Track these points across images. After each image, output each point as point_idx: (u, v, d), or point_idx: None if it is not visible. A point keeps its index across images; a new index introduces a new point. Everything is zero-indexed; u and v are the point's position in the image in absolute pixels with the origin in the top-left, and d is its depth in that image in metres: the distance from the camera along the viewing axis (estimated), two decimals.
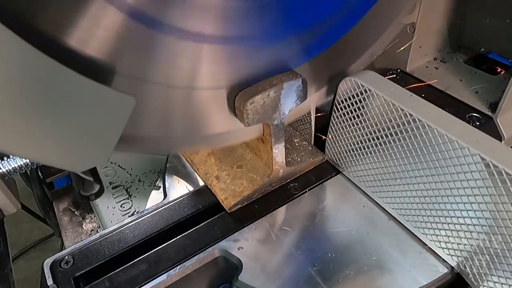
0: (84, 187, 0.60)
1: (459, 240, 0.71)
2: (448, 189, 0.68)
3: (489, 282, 0.69)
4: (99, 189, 0.61)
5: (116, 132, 0.53)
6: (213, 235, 0.82)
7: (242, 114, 0.70)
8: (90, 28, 0.48)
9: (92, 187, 0.60)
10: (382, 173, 0.81)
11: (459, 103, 1.03)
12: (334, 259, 0.76)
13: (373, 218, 0.84)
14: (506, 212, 0.61)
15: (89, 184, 0.60)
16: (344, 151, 0.89)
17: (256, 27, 0.63)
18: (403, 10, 0.85)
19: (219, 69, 0.65)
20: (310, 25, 0.71)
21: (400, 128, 0.72)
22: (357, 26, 0.79)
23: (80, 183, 0.60)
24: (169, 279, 0.75)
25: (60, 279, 0.75)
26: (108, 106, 0.51)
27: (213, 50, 0.62)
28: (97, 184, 0.61)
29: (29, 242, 1.93)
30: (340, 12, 0.74)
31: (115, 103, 0.51)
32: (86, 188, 0.60)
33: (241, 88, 0.70)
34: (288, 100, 0.75)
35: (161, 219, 0.87)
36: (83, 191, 0.61)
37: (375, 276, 0.73)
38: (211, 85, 0.67)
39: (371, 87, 0.75)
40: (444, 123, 0.66)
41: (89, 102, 0.48)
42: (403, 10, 0.85)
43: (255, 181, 0.88)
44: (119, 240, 0.82)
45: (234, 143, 0.82)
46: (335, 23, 0.75)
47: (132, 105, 0.53)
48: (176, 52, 0.58)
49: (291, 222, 0.84)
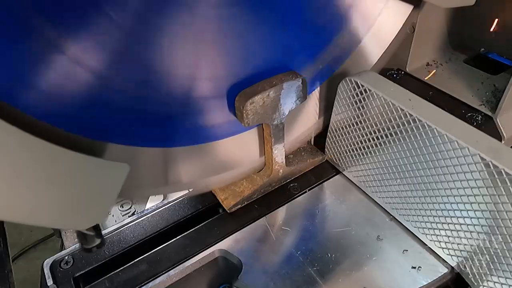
0: (86, 241, 0.64)
1: (459, 240, 0.71)
2: (448, 189, 0.68)
3: (489, 282, 0.68)
4: (101, 242, 0.65)
5: (114, 193, 0.59)
6: (213, 235, 0.82)
7: (242, 114, 0.70)
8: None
9: (94, 241, 0.64)
10: (382, 173, 0.81)
11: (459, 103, 1.03)
12: (334, 259, 0.76)
13: (373, 218, 0.84)
14: (506, 212, 0.61)
15: (91, 238, 0.64)
16: (344, 151, 0.89)
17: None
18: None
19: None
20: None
21: (400, 128, 0.72)
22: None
23: (83, 238, 0.64)
24: (169, 279, 0.75)
25: (60, 279, 0.75)
26: (104, 174, 0.57)
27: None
28: (98, 238, 0.64)
29: (29, 242, 1.93)
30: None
31: (110, 171, 0.58)
32: (88, 242, 0.64)
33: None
34: (288, 100, 0.75)
35: (161, 219, 0.87)
36: (85, 244, 0.64)
37: (375, 276, 0.73)
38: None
39: (371, 87, 0.75)
40: (444, 123, 0.66)
41: (85, 174, 0.55)
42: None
43: (255, 181, 0.88)
44: (119, 240, 0.82)
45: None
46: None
47: (126, 170, 0.59)
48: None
49: (291, 222, 0.84)
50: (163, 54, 0.60)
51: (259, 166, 0.89)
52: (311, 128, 0.93)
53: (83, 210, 0.57)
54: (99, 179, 0.57)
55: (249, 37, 0.68)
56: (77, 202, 0.55)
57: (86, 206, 0.57)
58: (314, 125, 0.93)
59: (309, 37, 0.78)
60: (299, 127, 0.90)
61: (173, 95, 0.66)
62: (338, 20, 0.80)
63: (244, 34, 0.66)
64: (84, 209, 0.57)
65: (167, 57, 0.61)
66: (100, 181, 0.57)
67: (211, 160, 0.79)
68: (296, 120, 0.88)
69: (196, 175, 0.79)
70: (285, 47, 0.74)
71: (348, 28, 0.83)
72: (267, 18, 0.68)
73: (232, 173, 0.85)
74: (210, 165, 0.80)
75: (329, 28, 0.80)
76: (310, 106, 0.89)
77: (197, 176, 0.79)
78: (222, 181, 0.86)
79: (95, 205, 0.59)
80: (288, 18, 0.71)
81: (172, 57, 0.61)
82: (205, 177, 0.81)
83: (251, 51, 0.70)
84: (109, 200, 0.60)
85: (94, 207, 0.59)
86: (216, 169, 0.82)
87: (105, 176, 0.58)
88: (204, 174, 0.80)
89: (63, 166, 0.51)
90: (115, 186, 0.59)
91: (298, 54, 0.78)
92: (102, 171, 0.57)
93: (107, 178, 0.58)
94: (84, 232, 0.63)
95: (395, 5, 0.87)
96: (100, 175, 0.57)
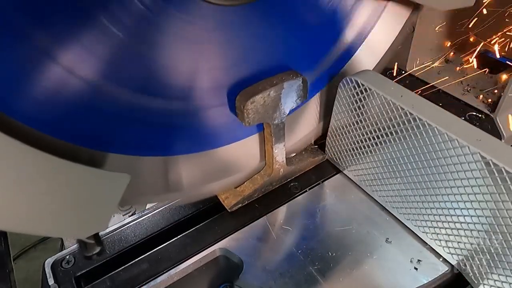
0: (86, 249, 0.64)
1: (459, 238, 0.71)
2: (448, 188, 0.68)
3: (489, 280, 0.69)
4: (101, 249, 0.66)
5: (114, 202, 0.60)
6: (214, 235, 0.82)
7: (242, 114, 0.70)
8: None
9: (94, 248, 0.65)
10: (382, 172, 0.81)
11: (459, 102, 1.03)
12: (335, 258, 0.76)
13: (373, 217, 0.84)
14: (506, 211, 0.61)
15: (91, 246, 0.64)
16: (344, 150, 0.89)
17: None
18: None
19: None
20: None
21: (400, 127, 0.72)
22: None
23: (83, 246, 0.65)
24: (170, 279, 0.75)
25: (61, 278, 0.75)
26: (104, 185, 0.57)
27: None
28: (98, 246, 0.65)
29: (29, 242, 1.93)
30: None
31: (110, 181, 0.58)
32: (88, 250, 0.65)
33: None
34: (288, 99, 0.75)
35: (162, 219, 0.87)
36: (85, 252, 0.65)
37: (376, 275, 0.73)
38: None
39: (371, 86, 0.75)
40: (444, 121, 0.66)
41: (86, 184, 0.55)
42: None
43: (255, 180, 0.88)
44: (120, 240, 0.82)
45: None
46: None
47: (127, 180, 0.59)
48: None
49: (291, 221, 0.84)
50: (162, 60, 0.60)
51: (261, 168, 0.89)
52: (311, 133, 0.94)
53: (84, 219, 0.58)
54: (99, 190, 0.57)
55: (250, 37, 0.68)
56: (78, 212, 0.56)
57: (86, 216, 0.58)
58: (314, 130, 0.94)
59: (311, 37, 0.78)
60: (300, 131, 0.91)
61: (172, 102, 0.66)
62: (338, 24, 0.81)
63: (245, 35, 0.67)
64: (84, 218, 0.58)
65: (166, 62, 0.61)
66: (100, 191, 0.58)
67: (213, 167, 0.80)
68: (297, 123, 0.89)
69: (197, 182, 0.79)
70: (286, 46, 0.74)
71: (349, 32, 0.84)
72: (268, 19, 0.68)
73: (235, 178, 0.85)
74: (211, 171, 0.80)
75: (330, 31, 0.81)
76: (310, 110, 0.90)
77: (198, 183, 0.79)
78: (225, 186, 0.86)
79: (96, 215, 0.59)
80: (289, 18, 0.71)
81: (171, 63, 0.61)
82: (207, 184, 0.81)
83: (253, 52, 0.70)
84: (109, 210, 0.60)
85: (94, 217, 0.59)
86: (218, 175, 0.82)
87: (105, 187, 0.58)
88: (205, 180, 0.80)
89: (63, 177, 0.52)
90: (115, 196, 0.59)
91: (299, 54, 0.78)
92: (102, 181, 0.57)
93: (107, 188, 0.58)
94: (85, 241, 0.63)
95: (395, 7, 0.87)
96: (100, 185, 0.57)
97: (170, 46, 0.60)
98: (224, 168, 0.82)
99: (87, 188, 0.55)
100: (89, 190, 0.56)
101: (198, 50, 0.63)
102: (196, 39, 0.61)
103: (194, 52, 0.63)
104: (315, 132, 0.94)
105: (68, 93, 0.54)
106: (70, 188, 0.53)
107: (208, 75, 0.67)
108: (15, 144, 0.45)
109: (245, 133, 0.81)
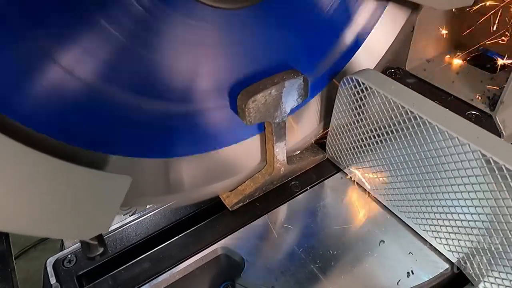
0: (89, 250, 0.65)
1: (459, 236, 0.71)
2: (449, 186, 0.68)
3: (489, 277, 0.69)
4: (103, 250, 0.66)
5: (116, 204, 0.60)
6: (215, 233, 0.82)
7: (243, 113, 0.70)
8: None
9: (97, 249, 0.65)
10: (383, 170, 0.81)
11: (458, 101, 1.04)
12: (336, 256, 0.77)
13: (373, 215, 0.84)
14: (506, 208, 0.61)
15: (94, 247, 0.65)
16: (345, 149, 0.89)
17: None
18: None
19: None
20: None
21: (400, 125, 0.72)
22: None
23: (86, 247, 0.65)
24: (171, 277, 0.75)
25: (63, 277, 0.76)
26: (106, 186, 0.58)
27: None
28: (101, 247, 0.65)
29: (29, 242, 1.93)
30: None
31: (112, 183, 0.58)
32: (91, 251, 0.65)
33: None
34: (289, 98, 0.75)
35: (163, 218, 0.87)
36: (88, 253, 0.65)
37: (377, 273, 0.74)
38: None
39: (371, 85, 0.75)
40: (444, 120, 0.66)
41: (87, 186, 0.55)
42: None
43: (256, 179, 0.89)
44: (121, 239, 0.83)
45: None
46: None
47: (128, 182, 0.60)
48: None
49: (292, 219, 0.84)
50: (162, 62, 0.60)
51: (261, 169, 0.90)
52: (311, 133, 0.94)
53: (86, 221, 0.58)
54: (101, 191, 0.57)
55: (251, 39, 0.68)
56: (80, 214, 0.56)
57: (88, 217, 0.58)
58: (314, 130, 0.94)
59: (312, 38, 0.78)
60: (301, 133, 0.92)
61: (173, 104, 0.66)
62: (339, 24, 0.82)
63: (246, 36, 0.67)
64: (86, 220, 0.58)
65: (166, 64, 0.61)
66: (102, 193, 0.58)
67: (214, 168, 0.80)
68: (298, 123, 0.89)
69: (199, 183, 0.79)
70: (287, 46, 0.74)
71: (349, 32, 0.84)
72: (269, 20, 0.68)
73: (236, 179, 0.86)
74: (213, 172, 0.80)
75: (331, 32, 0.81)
76: (311, 109, 0.90)
77: (200, 184, 0.79)
78: (226, 187, 0.87)
79: (98, 216, 0.59)
80: (290, 19, 0.71)
81: (171, 64, 0.61)
82: (208, 185, 0.81)
83: (254, 53, 0.70)
84: (111, 211, 0.60)
85: (96, 218, 0.59)
86: (219, 176, 0.82)
87: (107, 188, 0.58)
88: (206, 181, 0.80)
89: (65, 179, 0.52)
90: (117, 197, 0.60)
91: (300, 55, 0.78)
92: (104, 183, 0.57)
93: (109, 190, 0.59)
94: (88, 242, 0.64)
95: (395, 8, 0.87)
96: (102, 187, 0.57)
97: (170, 47, 0.60)
98: (225, 169, 0.82)
99: (89, 189, 0.56)
100: (91, 191, 0.56)
101: (199, 52, 0.63)
102: (196, 41, 0.61)
103: (194, 53, 0.63)
104: (315, 131, 0.94)
105: (68, 94, 0.54)
106: (72, 190, 0.53)
107: (208, 76, 0.68)
108: (17, 146, 0.45)
109: (246, 134, 0.82)
